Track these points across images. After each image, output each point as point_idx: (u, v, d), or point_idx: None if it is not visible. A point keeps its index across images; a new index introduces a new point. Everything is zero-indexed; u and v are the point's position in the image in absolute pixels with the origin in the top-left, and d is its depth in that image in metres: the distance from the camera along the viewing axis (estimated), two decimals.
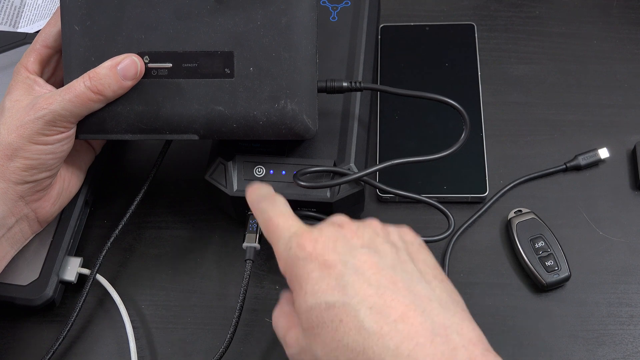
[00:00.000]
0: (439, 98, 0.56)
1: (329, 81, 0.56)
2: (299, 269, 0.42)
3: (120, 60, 0.52)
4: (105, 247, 0.58)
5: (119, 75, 0.51)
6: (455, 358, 0.38)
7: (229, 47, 0.52)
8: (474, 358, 0.38)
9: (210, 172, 0.58)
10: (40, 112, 0.50)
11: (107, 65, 0.51)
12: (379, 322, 0.39)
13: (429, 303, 0.40)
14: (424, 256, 0.44)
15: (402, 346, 0.38)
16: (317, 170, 0.56)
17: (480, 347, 0.39)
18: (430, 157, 0.56)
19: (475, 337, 0.39)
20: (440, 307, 0.40)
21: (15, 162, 0.51)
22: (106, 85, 0.51)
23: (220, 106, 0.53)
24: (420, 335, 0.38)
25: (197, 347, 0.58)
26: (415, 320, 0.39)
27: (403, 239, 0.45)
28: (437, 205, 0.57)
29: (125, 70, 0.52)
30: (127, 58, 0.52)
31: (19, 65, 0.54)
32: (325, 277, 0.41)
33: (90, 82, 0.51)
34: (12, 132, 0.51)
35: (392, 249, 0.43)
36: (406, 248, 0.44)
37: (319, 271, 0.41)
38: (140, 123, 0.53)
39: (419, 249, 0.45)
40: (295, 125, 0.53)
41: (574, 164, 0.64)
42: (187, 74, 0.53)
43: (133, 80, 0.52)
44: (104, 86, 0.51)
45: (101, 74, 0.51)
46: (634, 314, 0.58)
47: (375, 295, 0.40)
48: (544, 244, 0.59)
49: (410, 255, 0.44)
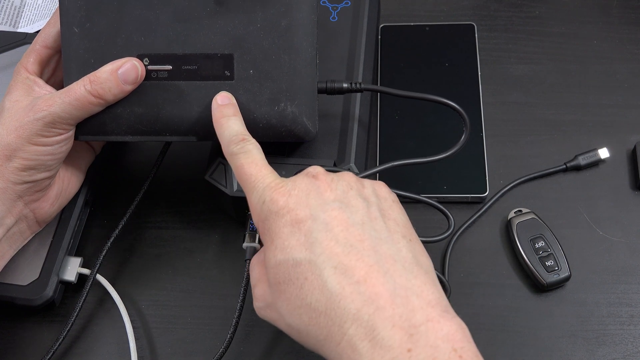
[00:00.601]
0: (439, 99, 0.56)
1: (329, 82, 0.56)
2: (271, 223, 0.43)
3: (121, 64, 0.52)
4: (105, 247, 0.58)
5: (119, 80, 0.51)
6: (414, 319, 0.38)
7: (229, 49, 0.52)
8: (431, 319, 0.38)
9: (210, 172, 0.58)
10: (40, 114, 0.50)
11: (107, 69, 0.51)
12: (342, 282, 0.40)
13: (392, 264, 0.40)
14: (396, 214, 0.45)
15: (362, 310, 0.39)
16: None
17: (438, 309, 0.39)
18: (430, 159, 0.56)
19: (435, 299, 0.40)
20: (403, 269, 0.40)
21: (14, 163, 0.51)
22: (107, 89, 0.51)
23: None
24: (381, 297, 0.39)
25: (197, 347, 0.58)
26: (377, 282, 0.39)
27: (376, 193, 0.45)
28: (436, 205, 0.57)
29: (126, 74, 0.52)
30: (128, 62, 0.52)
31: (19, 66, 0.54)
32: (296, 232, 0.42)
33: (91, 86, 0.51)
34: (11, 133, 0.51)
35: (363, 204, 0.44)
36: (378, 204, 0.44)
37: (290, 227, 0.42)
38: (140, 125, 0.53)
39: (392, 206, 0.45)
40: (295, 128, 0.53)
41: (574, 164, 0.64)
42: (187, 76, 0.53)
43: (133, 85, 0.52)
44: (104, 90, 0.51)
45: (102, 77, 0.51)
46: (634, 314, 0.58)
47: (341, 254, 0.40)
48: (544, 244, 0.59)
49: (382, 211, 0.44)
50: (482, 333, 0.57)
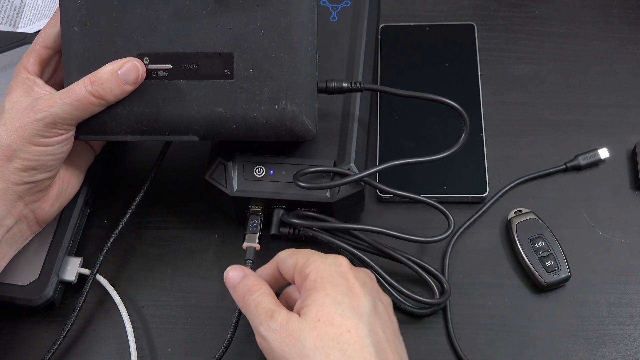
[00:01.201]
0: (439, 99, 0.56)
1: (329, 82, 0.56)
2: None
3: (121, 64, 0.52)
4: (105, 247, 0.58)
5: (120, 80, 0.51)
6: None
7: (229, 48, 0.52)
8: None
9: (210, 172, 0.58)
10: (40, 115, 0.50)
11: (108, 69, 0.51)
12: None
13: None
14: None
15: None
16: (317, 170, 0.56)
17: None
18: (430, 158, 0.56)
19: None
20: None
21: (15, 163, 0.51)
22: (107, 90, 0.51)
23: (220, 107, 0.53)
24: None
25: (197, 347, 0.58)
26: None
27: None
28: (436, 205, 0.57)
29: (127, 74, 0.52)
30: (129, 62, 0.52)
31: (19, 66, 0.54)
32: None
33: (92, 87, 0.51)
34: (11, 134, 0.51)
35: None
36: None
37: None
38: (140, 124, 0.53)
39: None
40: (295, 127, 0.53)
41: (574, 164, 0.64)
42: (187, 75, 0.53)
43: (134, 85, 0.52)
44: (105, 91, 0.51)
45: (103, 78, 0.51)
46: (634, 314, 0.58)
47: None
48: (544, 244, 0.59)
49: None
50: (482, 333, 0.57)
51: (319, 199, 0.56)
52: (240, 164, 0.57)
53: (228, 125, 0.53)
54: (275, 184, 0.57)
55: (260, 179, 0.57)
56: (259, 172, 0.57)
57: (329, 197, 0.56)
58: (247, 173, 0.57)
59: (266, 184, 0.57)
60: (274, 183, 0.57)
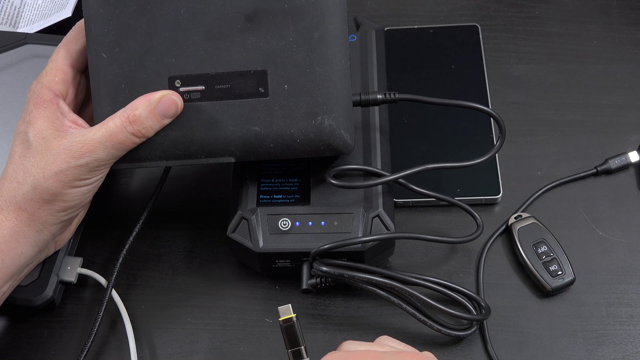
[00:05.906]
0: (474, 106, 0.56)
1: (363, 94, 0.56)
2: None
3: (157, 98, 0.51)
4: (121, 255, 0.57)
5: (159, 116, 0.51)
6: None
7: (262, 65, 0.51)
8: None
9: (232, 229, 0.56)
10: (82, 160, 0.49)
11: (145, 106, 0.50)
12: None
13: None
14: None
15: None
16: (350, 168, 0.55)
17: None
18: (463, 164, 0.56)
19: None
20: None
21: (54, 206, 0.50)
22: (148, 127, 0.51)
23: (256, 126, 0.52)
24: None
25: (197, 347, 0.58)
26: None
27: None
28: (467, 208, 0.57)
29: (166, 110, 0.51)
30: (166, 97, 0.51)
31: (41, 86, 0.52)
32: None
33: (133, 128, 0.50)
34: (49, 178, 0.49)
35: None
36: None
37: None
38: (174, 149, 0.52)
39: None
40: (334, 141, 0.52)
41: (604, 168, 0.63)
42: (221, 95, 0.52)
43: (173, 118, 0.52)
44: (146, 129, 0.51)
45: (142, 117, 0.50)
46: (634, 314, 0.58)
47: None
48: (547, 249, 0.59)
49: None
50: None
51: (351, 249, 0.54)
52: (263, 217, 0.56)
53: (265, 144, 0.52)
54: (302, 236, 0.55)
55: (286, 232, 0.55)
56: (284, 225, 0.55)
57: (360, 247, 0.54)
58: (272, 227, 0.55)
59: (294, 237, 0.55)
60: (301, 235, 0.55)
